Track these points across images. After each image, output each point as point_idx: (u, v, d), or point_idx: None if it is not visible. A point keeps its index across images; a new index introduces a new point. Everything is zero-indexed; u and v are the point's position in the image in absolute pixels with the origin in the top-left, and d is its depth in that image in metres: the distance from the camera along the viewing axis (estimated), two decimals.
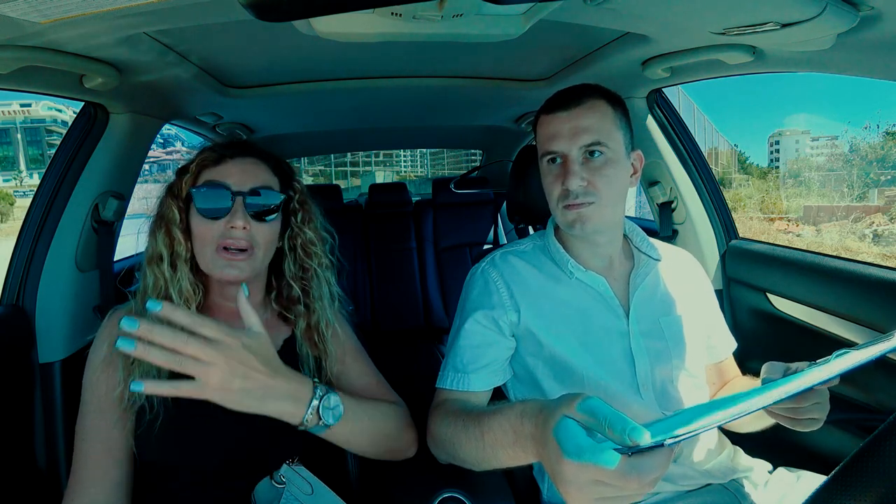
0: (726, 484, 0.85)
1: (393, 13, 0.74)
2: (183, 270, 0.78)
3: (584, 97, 0.83)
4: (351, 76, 1.37)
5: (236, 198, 0.78)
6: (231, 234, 0.77)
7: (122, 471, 0.76)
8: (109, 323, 0.80)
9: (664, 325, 0.88)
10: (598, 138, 0.81)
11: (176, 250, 0.78)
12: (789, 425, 0.73)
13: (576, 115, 0.82)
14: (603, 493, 0.45)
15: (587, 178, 0.81)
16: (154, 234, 0.80)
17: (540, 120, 0.88)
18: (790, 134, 39.42)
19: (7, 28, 0.66)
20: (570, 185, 0.81)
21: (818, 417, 0.71)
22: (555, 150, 0.83)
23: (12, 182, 40.70)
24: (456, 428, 0.72)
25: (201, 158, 0.81)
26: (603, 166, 0.82)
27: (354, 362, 0.92)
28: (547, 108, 0.86)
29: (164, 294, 0.78)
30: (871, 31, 0.70)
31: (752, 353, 1.30)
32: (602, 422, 0.46)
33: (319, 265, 0.89)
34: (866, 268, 1.00)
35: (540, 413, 0.55)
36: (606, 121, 0.83)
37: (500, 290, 0.88)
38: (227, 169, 0.80)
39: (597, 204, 0.82)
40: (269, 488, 0.76)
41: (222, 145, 0.83)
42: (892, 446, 0.38)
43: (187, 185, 0.80)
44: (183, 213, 0.80)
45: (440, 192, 2.64)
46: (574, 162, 0.81)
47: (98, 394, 0.76)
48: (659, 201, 1.46)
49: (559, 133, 0.82)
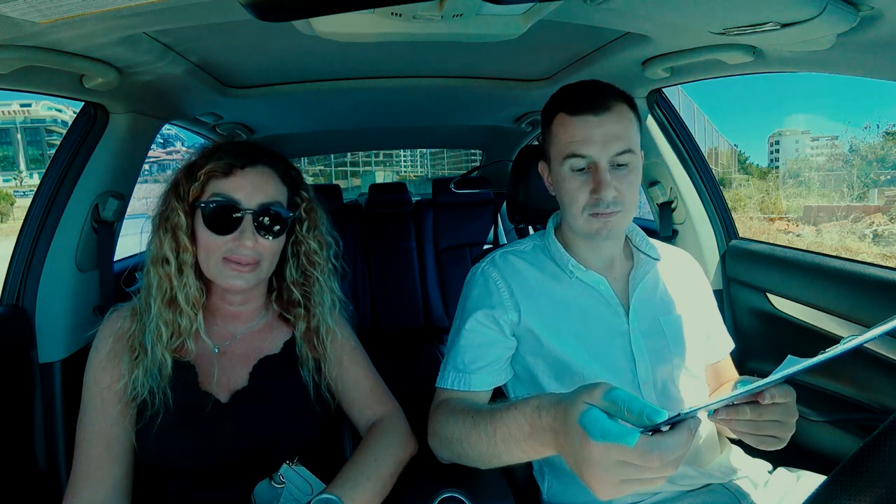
0: (726, 484, 0.85)
1: (393, 13, 0.74)
2: (189, 274, 0.78)
3: (611, 101, 0.80)
4: (351, 76, 1.37)
5: (246, 215, 0.77)
6: (238, 251, 0.77)
7: (123, 469, 0.76)
8: (110, 320, 0.81)
9: (664, 324, 0.88)
10: (629, 146, 0.80)
11: (182, 256, 0.78)
12: (751, 442, 0.71)
13: (608, 121, 0.79)
14: (627, 474, 0.47)
15: (617, 188, 0.79)
16: (159, 234, 0.79)
17: (560, 118, 0.83)
18: (790, 134, 39.40)
19: (7, 28, 0.66)
20: (604, 196, 0.78)
21: (779, 437, 0.69)
22: (584, 154, 0.79)
23: (12, 182, 40.67)
24: (465, 425, 0.72)
25: (209, 169, 0.77)
26: (629, 174, 0.81)
27: (353, 365, 0.92)
28: (571, 107, 0.81)
29: (170, 296, 0.77)
30: (871, 31, 0.70)
31: (752, 353, 1.30)
32: (622, 406, 0.48)
33: (322, 273, 0.88)
34: (866, 268, 1.00)
35: (559, 404, 0.56)
36: (632, 127, 0.82)
37: (500, 289, 0.88)
38: (236, 182, 0.78)
39: (623, 211, 0.81)
40: (268, 488, 0.76)
41: (232, 153, 0.79)
42: (892, 446, 0.38)
43: (194, 193, 0.78)
44: (188, 217, 0.78)
45: (440, 192, 2.63)
46: (605, 171, 0.79)
47: (99, 391, 0.76)
48: (659, 201, 1.46)
49: (590, 138, 0.79)
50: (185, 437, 0.76)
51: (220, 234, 0.77)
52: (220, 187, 0.77)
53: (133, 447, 0.77)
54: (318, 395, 0.87)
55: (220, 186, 0.77)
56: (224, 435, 0.78)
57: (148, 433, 0.75)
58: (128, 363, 0.76)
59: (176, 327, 0.78)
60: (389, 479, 0.79)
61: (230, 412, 0.79)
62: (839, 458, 0.41)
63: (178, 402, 0.76)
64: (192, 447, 0.76)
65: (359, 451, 0.81)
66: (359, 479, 0.75)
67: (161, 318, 0.76)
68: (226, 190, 0.77)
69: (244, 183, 0.78)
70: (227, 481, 0.77)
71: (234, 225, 0.76)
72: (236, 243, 0.76)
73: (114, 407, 0.76)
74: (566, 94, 0.84)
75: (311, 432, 0.86)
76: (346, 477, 0.74)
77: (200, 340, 0.82)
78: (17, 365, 1.02)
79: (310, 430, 0.86)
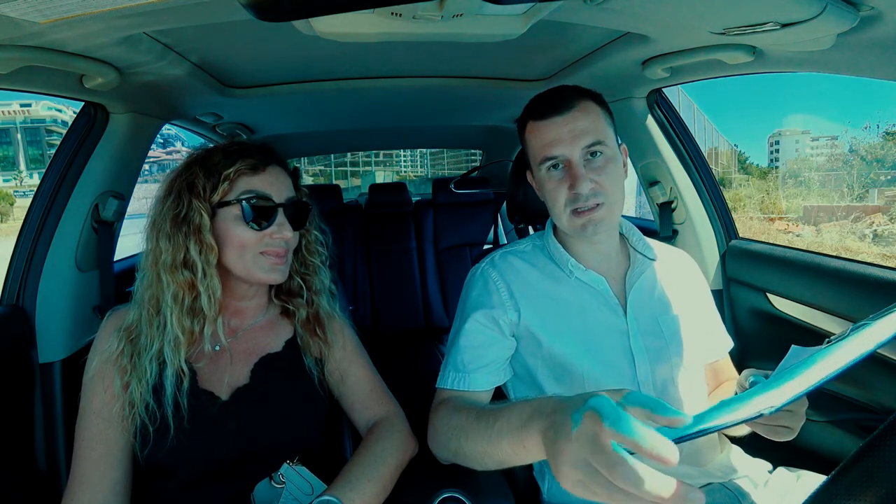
0: (726, 483, 0.85)
1: (393, 13, 0.74)
2: (212, 275, 0.78)
3: (574, 99, 0.83)
4: (351, 76, 1.37)
5: (279, 209, 0.80)
6: (273, 243, 0.80)
7: (122, 471, 0.76)
8: (108, 323, 0.80)
9: (662, 323, 0.88)
10: (598, 138, 0.81)
11: (208, 257, 0.77)
12: (762, 433, 0.71)
13: (572, 118, 0.81)
14: (588, 476, 0.44)
15: (594, 180, 0.81)
16: (176, 238, 0.76)
17: (530, 126, 0.86)
18: (790, 134, 39.42)
19: (7, 28, 0.66)
20: (580, 189, 0.80)
21: (791, 427, 0.69)
22: (556, 154, 0.82)
23: (12, 182, 40.67)
24: (467, 418, 0.72)
25: (238, 168, 0.79)
26: (605, 165, 0.82)
27: (354, 366, 0.93)
28: (537, 113, 0.84)
29: (190, 303, 0.76)
30: (871, 31, 0.70)
31: (752, 353, 1.30)
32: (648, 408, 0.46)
33: (322, 262, 0.93)
34: (866, 268, 1.00)
35: (572, 398, 0.54)
36: (599, 120, 0.83)
37: (500, 289, 0.88)
38: (264, 179, 0.80)
39: (606, 204, 0.82)
40: (268, 488, 0.76)
41: (254, 152, 0.82)
42: (892, 446, 0.38)
43: (222, 192, 0.78)
44: (210, 216, 0.78)
45: (440, 192, 2.63)
46: (579, 165, 0.81)
47: (97, 394, 0.76)
48: (659, 201, 1.46)
49: (559, 138, 0.81)
50: (185, 435, 0.76)
51: (258, 230, 0.79)
52: (252, 184, 0.80)
53: (132, 448, 0.77)
54: (321, 390, 0.88)
55: (251, 183, 0.80)
56: (225, 433, 0.78)
57: (148, 433, 0.74)
58: (129, 366, 0.76)
59: (196, 334, 0.78)
60: (389, 480, 0.79)
61: (231, 410, 0.79)
62: (839, 458, 0.41)
63: (177, 403, 0.76)
64: (192, 446, 0.76)
65: (359, 451, 0.82)
66: (359, 479, 0.75)
67: (179, 326, 0.76)
68: (257, 186, 0.80)
69: (272, 179, 0.81)
70: (227, 481, 0.77)
71: (271, 219, 0.80)
72: (275, 237, 0.80)
73: (113, 408, 0.75)
74: (534, 103, 0.87)
75: (311, 432, 0.86)
76: (346, 478, 0.75)
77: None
78: (17, 365, 1.02)
79: (310, 429, 0.86)
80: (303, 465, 0.80)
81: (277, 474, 0.77)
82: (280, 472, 0.78)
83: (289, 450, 0.80)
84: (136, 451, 0.76)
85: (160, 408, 0.75)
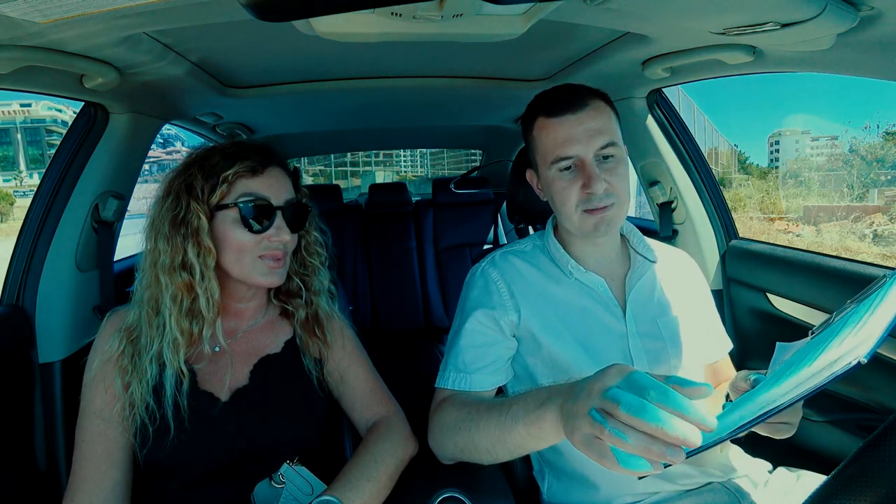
0: (726, 483, 0.85)
1: (393, 13, 0.74)
2: (211, 277, 0.78)
3: (587, 98, 0.82)
4: (351, 76, 1.37)
5: (277, 212, 0.80)
6: (272, 246, 0.80)
7: (122, 472, 0.76)
8: (109, 323, 0.80)
9: (661, 325, 0.88)
10: (612, 139, 0.81)
11: (206, 260, 0.77)
12: (763, 431, 0.71)
13: (587, 117, 0.80)
14: (604, 427, 0.47)
15: (606, 180, 0.80)
16: (174, 240, 0.76)
17: (540, 123, 0.84)
18: (790, 134, 39.39)
19: (7, 28, 0.66)
20: (595, 189, 0.79)
21: (791, 422, 0.69)
22: (570, 154, 0.80)
23: (12, 182, 40.68)
24: (479, 409, 0.72)
25: (237, 170, 0.78)
26: (616, 166, 0.82)
27: (354, 366, 0.93)
28: (549, 110, 0.82)
29: (188, 305, 0.76)
30: (871, 31, 0.70)
31: (752, 353, 1.30)
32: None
33: (322, 264, 0.92)
34: (866, 268, 1.00)
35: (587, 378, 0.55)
36: (611, 121, 0.83)
37: (500, 290, 0.88)
38: (263, 181, 0.80)
39: (617, 204, 0.82)
40: (268, 488, 0.76)
41: (253, 153, 0.81)
42: (891, 446, 0.38)
43: (220, 194, 0.78)
44: (208, 219, 0.78)
45: (440, 192, 2.64)
46: (592, 165, 0.80)
47: (98, 395, 0.76)
48: (659, 201, 1.46)
49: (573, 136, 0.80)
50: (185, 436, 0.76)
51: (256, 233, 0.79)
52: (250, 187, 0.79)
53: (132, 448, 0.77)
54: (321, 390, 0.88)
55: (249, 186, 0.79)
56: (225, 434, 0.78)
57: (148, 433, 0.74)
58: (129, 366, 0.76)
59: (195, 335, 0.77)
60: (389, 480, 0.79)
61: (231, 411, 0.79)
62: (839, 458, 0.41)
63: (177, 403, 0.76)
64: (192, 446, 0.76)
65: (359, 451, 0.82)
66: (359, 480, 0.75)
67: (178, 328, 0.75)
68: (256, 189, 0.79)
69: (271, 181, 0.80)
70: (227, 481, 0.77)
71: (270, 222, 0.79)
72: (273, 240, 0.79)
73: (113, 408, 0.75)
74: (542, 99, 0.86)
75: (311, 432, 0.86)
76: (346, 478, 0.74)
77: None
78: (16, 365, 1.02)
79: (310, 430, 0.86)
80: (303, 465, 0.80)
81: (277, 474, 0.77)
82: (280, 473, 0.78)
83: (289, 450, 0.80)
84: (137, 451, 0.76)
85: (160, 408, 0.75)
